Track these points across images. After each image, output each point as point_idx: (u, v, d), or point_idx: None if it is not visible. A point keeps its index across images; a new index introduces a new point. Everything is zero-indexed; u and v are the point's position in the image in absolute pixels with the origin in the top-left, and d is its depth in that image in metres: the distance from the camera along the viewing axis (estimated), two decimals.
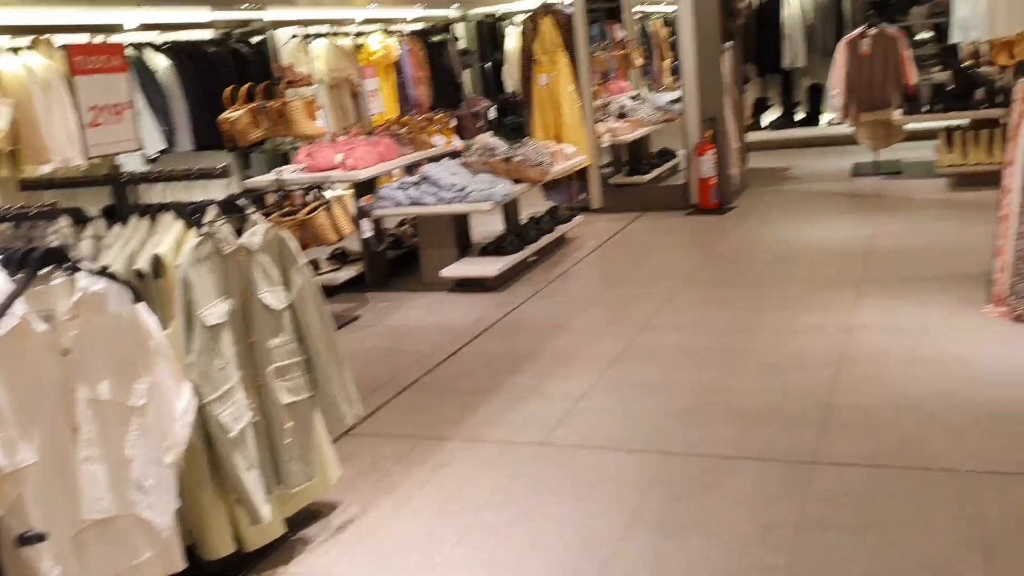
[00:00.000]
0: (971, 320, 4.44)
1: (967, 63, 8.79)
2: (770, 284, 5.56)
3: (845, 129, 8.80)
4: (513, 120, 10.13)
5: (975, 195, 6.86)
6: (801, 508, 2.96)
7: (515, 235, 6.36)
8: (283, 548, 3.01)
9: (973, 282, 4.86)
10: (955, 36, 9.69)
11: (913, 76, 8.14)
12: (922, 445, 3.29)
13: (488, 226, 6.72)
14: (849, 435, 3.42)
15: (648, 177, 8.78)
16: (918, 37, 10.41)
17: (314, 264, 5.90)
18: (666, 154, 9.30)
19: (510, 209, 6.61)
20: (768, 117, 11.03)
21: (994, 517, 2.78)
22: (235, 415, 2.77)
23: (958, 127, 7.93)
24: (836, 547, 2.72)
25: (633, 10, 9.98)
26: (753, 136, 10.11)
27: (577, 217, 7.30)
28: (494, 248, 6.20)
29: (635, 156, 9.10)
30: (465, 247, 6.35)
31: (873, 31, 8.22)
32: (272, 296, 2.95)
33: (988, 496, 2.90)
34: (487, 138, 6.53)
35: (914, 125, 8.25)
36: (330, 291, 5.91)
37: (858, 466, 3.19)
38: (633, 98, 9.24)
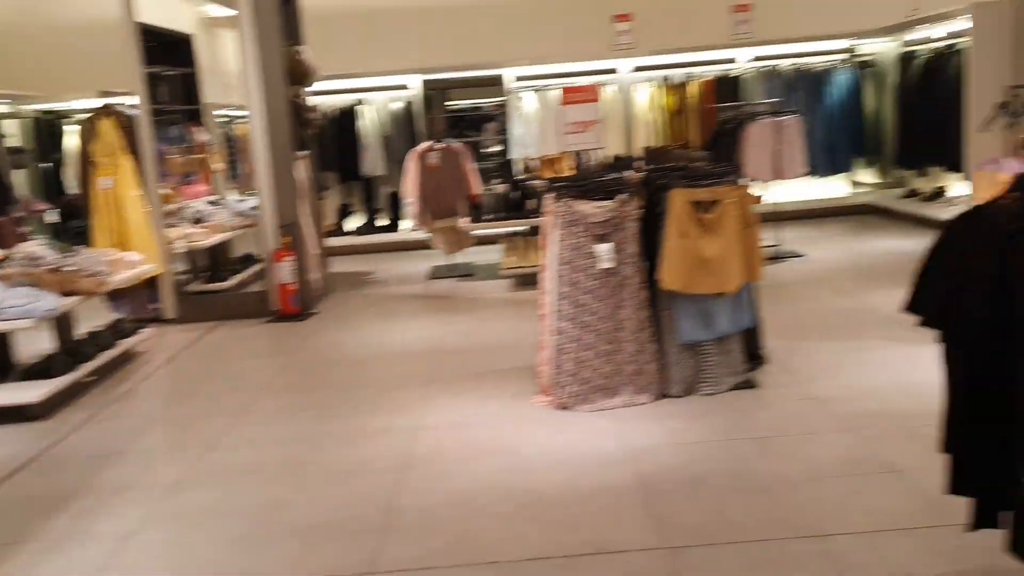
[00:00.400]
0: (523, 410, 4.79)
1: (522, 176, 9.85)
2: (346, 389, 5.55)
3: (422, 235, 9.31)
4: (79, 224, 9.25)
5: (532, 293, 7.53)
6: None
7: (67, 353, 5.70)
8: None
9: (527, 374, 5.27)
10: (514, 152, 10.88)
11: (477, 187, 8.88)
12: (474, 539, 3.39)
13: (40, 344, 5.95)
14: (408, 539, 3.43)
15: (229, 284, 8.49)
16: (491, 150, 11.47)
17: None
18: (249, 260, 9.09)
19: (62, 324, 5.92)
20: (352, 223, 11.33)
21: None
22: None
23: (517, 233, 8.78)
24: None
25: (217, 113, 9.75)
26: (337, 241, 10.31)
27: (146, 329, 6.77)
28: (40, 370, 5.47)
29: (215, 262, 8.76)
30: (6, 370, 5.54)
31: (440, 145, 8.87)
32: None
33: None
34: (31, 246, 5.82)
35: (483, 231, 8.97)
36: None
37: (413, 570, 3.19)
38: (212, 203, 8.94)
